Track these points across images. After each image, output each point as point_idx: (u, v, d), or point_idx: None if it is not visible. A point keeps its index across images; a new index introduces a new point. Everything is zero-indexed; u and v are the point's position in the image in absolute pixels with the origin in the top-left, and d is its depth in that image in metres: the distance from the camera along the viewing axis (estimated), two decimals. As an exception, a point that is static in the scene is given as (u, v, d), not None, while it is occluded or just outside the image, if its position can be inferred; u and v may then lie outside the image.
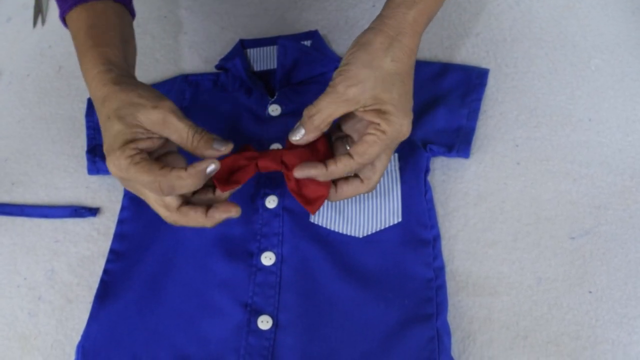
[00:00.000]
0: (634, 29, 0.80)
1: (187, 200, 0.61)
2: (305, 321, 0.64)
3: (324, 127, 0.59)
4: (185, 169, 0.56)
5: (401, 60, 0.58)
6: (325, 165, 0.59)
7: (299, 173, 0.60)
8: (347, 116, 0.62)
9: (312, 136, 0.60)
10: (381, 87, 0.57)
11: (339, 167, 0.59)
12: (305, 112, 0.59)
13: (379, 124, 0.58)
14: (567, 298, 0.65)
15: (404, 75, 0.58)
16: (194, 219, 0.60)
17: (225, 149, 0.58)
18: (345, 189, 0.62)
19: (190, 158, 0.60)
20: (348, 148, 0.62)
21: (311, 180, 0.61)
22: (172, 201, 0.59)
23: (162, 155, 0.60)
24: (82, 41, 0.64)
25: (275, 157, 0.62)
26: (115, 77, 0.59)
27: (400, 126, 0.58)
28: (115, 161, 0.56)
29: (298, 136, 0.60)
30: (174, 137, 0.57)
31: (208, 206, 0.60)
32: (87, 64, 0.62)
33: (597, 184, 0.71)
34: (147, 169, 0.55)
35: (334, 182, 0.62)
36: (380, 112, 0.58)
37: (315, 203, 0.61)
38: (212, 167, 0.57)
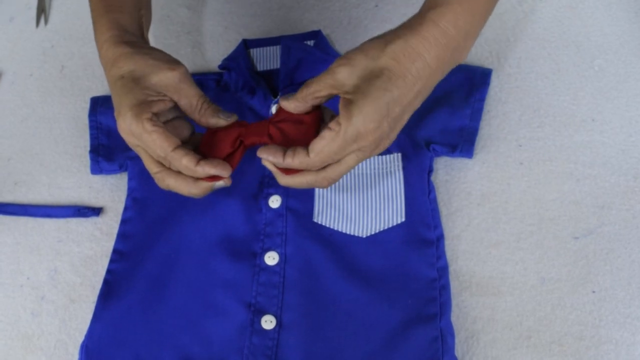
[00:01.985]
0: (637, 30, 0.80)
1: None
2: (309, 321, 0.64)
3: (309, 100, 0.57)
4: (197, 163, 0.57)
5: (400, 59, 0.53)
6: (284, 156, 0.57)
7: (261, 153, 0.57)
8: None
9: (294, 106, 0.58)
10: (366, 76, 0.54)
11: (294, 161, 0.56)
12: (303, 86, 0.58)
13: (338, 119, 0.54)
14: (571, 298, 0.65)
15: (396, 75, 0.53)
16: (184, 182, 0.59)
17: (230, 120, 0.60)
18: (297, 178, 0.59)
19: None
20: None
21: (253, 128, 0.60)
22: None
23: (169, 120, 0.61)
24: (95, 7, 0.65)
25: (261, 129, 0.60)
26: (127, 42, 0.60)
27: (362, 124, 0.53)
28: (126, 120, 0.57)
29: (287, 100, 0.58)
30: (183, 102, 0.59)
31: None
32: (100, 29, 0.63)
33: (601, 184, 0.71)
34: (159, 143, 0.56)
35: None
36: (348, 103, 0.53)
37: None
38: (220, 183, 0.59)
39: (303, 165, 0.56)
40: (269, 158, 0.57)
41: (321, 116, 0.61)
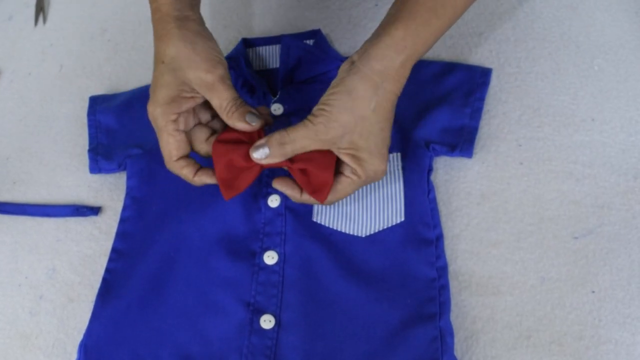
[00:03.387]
0: (637, 30, 0.80)
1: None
2: (308, 320, 0.64)
3: (290, 155, 0.60)
4: (196, 175, 0.63)
5: (383, 107, 0.59)
6: (300, 192, 0.63)
7: (277, 184, 0.64)
8: None
9: (276, 161, 0.60)
10: (359, 134, 0.58)
11: (311, 199, 0.63)
12: (278, 137, 0.59)
13: (355, 170, 0.60)
14: (571, 298, 0.65)
15: (383, 122, 0.59)
16: (187, 173, 0.64)
17: (256, 125, 0.61)
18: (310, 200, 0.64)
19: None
20: None
21: (314, 168, 0.61)
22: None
23: (191, 129, 0.64)
24: None
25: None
26: (179, 17, 0.62)
27: (375, 172, 0.61)
28: (153, 112, 0.61)
29: (260, 154, 0.60)
30: (215, 102, 0.61)
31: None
32: None
33: (600, 183, 0.70)
34: (168, 148, 0.62)
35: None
36: (355, 158, 0.59)
37: (323, 191, 0.61)
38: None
39: (317, 203, 0.63)
40: (286, 191, 0.64)
41: None
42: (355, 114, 0.58)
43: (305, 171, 0.61)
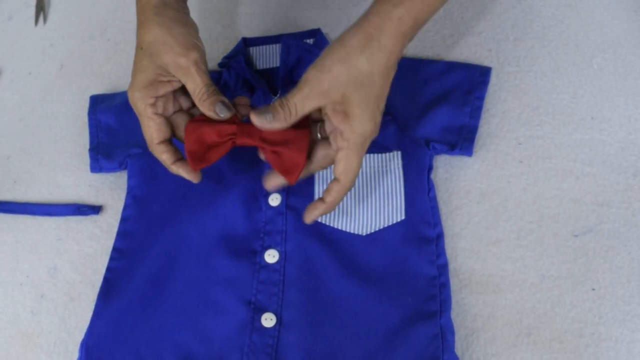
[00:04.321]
0: (636, 28, 0.80)
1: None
2: (309, 319, 0.64)
3: (294, 120, 0.59)
4: (174, 163, 0.64)
5: (377, 61, 0.57)
6: (324, 200, 0.61)
7: (310, 218, 0.62)
8: None
9: (279, 126, 0.59)
10: (352, 86, 0.57)
11: (333, 195, 0.60)
12: (276, 103, 0.58)
13: (342, 132, 0.58)
14: (571, 295, 0.65)
15: (377, 76, 0.58)
16: (167, 158, 0.64)
17: (224, 116, 0.61)
18: (332, 197, 0.62)
19: None
20: (319, 136, 0.63)
21: (287, 149, 0.60)
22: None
23: (171, 115, 0.65)
24: None
25: (253, 133, 0.61)
26: (157, 4, 0.63)
27: (364, 132, 0.58)
28: (132, 97, 0.63)
29: (265, 121, 0.59)
30: (189, 87, 0.62)
31: None
32: None
33: (600, 182, 0.71)
34: (149, 132, 0.63)
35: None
36: (345, 115, 0.57)
37: (294, 172, 0.60)
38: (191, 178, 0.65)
39: (342, 192, 0.60)
40: (315, 213, 0.62)
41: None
42: (348, 63, 0.57)
43: (278, 152, 0.60)
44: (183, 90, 0.65)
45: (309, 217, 0.62)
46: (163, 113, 0.63)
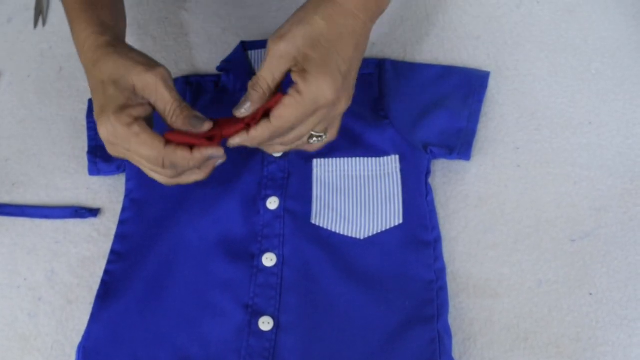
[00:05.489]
0: (634, 33, 0.80)
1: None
2: (307, 322, 0.64)
3: (271, 91, 0.58)
4: (191, 151, 0.57)
5: (332, 19, 0.57)
6: (248, 132, 0.59)
7: (231, 142, 0.60)
8: None
9: (259, 105, 0.59)
10: (309, 44, 0.56)
11: (258, 131, 0.58)
12: (250, 85, 0.58)
13: (297, 84, 0.57)
14: (568, 300, 0.65)
15: (338, 38, 0.57)
16: (183, 158, 0.59)
17: (201, 129, 0.58)
18: (257, 132, 0.60)
19: None
20: None
21: (228, 122, 0.60)
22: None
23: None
24: (72, 5, 0.64)
25: (236, 120, 0.60)
26: (108, 40, 0.60)
27: (318, 88, 0.56)
28: (108, 126, 0.56)
29: (245, 108, 0.58)
30: (158, 106, 0.58)
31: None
32: (79, 27, 0.62)
33: (598, 186, 0.71)
34: (149, 142, 0.56)
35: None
36: (302, 72, 0.56)
37: (275, 104, 0.59)
38: (219, 160, 0.60)
39: (267, 131, 0.58)
40: (236, 140, 0.59)
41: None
42: (303, 22, 0.57)
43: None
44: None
45: (231, 142, 0.60)
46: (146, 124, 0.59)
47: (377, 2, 0.60)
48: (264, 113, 0.59)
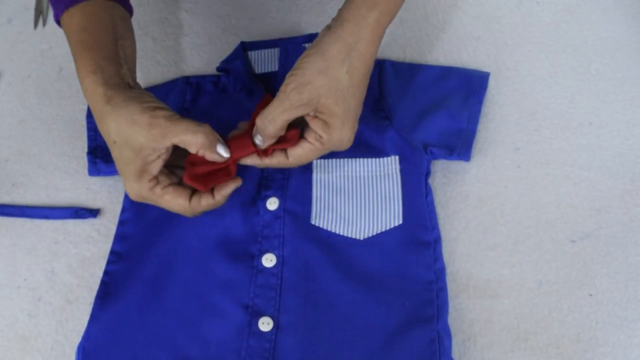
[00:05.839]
0: (634, 34, 0.80)
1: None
2: (306, 323, 0.64)
3: (281, 132, 0.60)
4: (213, 195, 0.62)
5: (357, 69, 0.58)
6: (262, 159, 0.63)
7: (242, 162, 0.63)
8: None
9: (271, 142, 0.61)
10: (333, 98, 0.58)
11: (272, 162, 0.63)
12: (260, 123, 0.59)
13: (320, 137, 0.60)
14: (568, 301, 0.65)
15: (357, 86, 0.59)
16: (207, 204, 0.63)
17: (227, 154, 0.61)
18: (271, 161, 0.64)
19: None
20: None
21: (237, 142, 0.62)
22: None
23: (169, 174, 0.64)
24: (73, 46, 0.64)
25: (245, 142, 0.62)
26: (105, 92, 0.60)
27: (341, 141, 0.61)
28: (134, 189, 0.61)
29: (257, 142, 0.62)
30: (186, 145, 0.59)
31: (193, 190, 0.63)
32: (80, 70, 0.63)
33: (598, 187, 0.71)
34: (174, 201, 0.62)
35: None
36: (325, 124, 0.59)
37: (292, 140, 0.63)
38: (237, 186, 0.64)
39: (280, 165, 0.64)
40: (247, 162, 0.64)
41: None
42: (328, 75, 0.57)
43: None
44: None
45: (242, 162, 0.63)
46: (171, 181, 0.63)
47: (383, 35, 0.62)
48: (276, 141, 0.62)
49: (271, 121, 0.59)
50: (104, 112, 0.59)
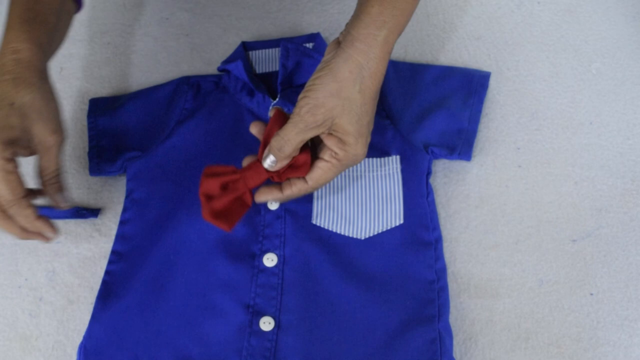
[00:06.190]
0: (634, 33, 0.80)
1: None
2: (307, 322, 0.64)
3: (295, 154, 0.60)
4: (36, 218, 0.62)
5: (368, 87, 0.58)
6: (282, 190, 0.62)
7: (260, 198, 0.63)
8: None
9: (284, 163, 0.61)
10: (347, 117, 0.58)
11: (293, 191, 0.62)
12: (275, 144, 0.59)
13: (337, 154, 0.60)
14: (569, 300, 0.65)
15: (369, 103, 0.59)
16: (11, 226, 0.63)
17: (64, 206, 0.66)
18: (292, 192, 0.63)
19: None
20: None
21: (295, 173, 0.62)
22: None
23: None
24: (14, 12, 0.65)
25: (259, 171, 0.61)
26: (41, 69, 0.62)
27: (356, 156, 0.61)
28: None
29: (269, 163, 0.60)
30: (42, 163, 0.63)
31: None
32: (11, 34, 0.63)
33: (598, 186, 0.71)
34: (12, 186, 0.59)
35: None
36: (340, 142, 0.59)
37: (304, 167, 0.62)
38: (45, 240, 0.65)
39: (302, 192, 0.62)
40: (268, 198, 0.63)
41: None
42: (341, 96, 0.58)
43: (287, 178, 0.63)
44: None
45: (260, 197, 0.63)
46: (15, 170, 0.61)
47: (391, 49, 0.61)
48: (288, 164, 0.61)
49: (287, 142, 0.59)
50: (30, 81, 0.61)
